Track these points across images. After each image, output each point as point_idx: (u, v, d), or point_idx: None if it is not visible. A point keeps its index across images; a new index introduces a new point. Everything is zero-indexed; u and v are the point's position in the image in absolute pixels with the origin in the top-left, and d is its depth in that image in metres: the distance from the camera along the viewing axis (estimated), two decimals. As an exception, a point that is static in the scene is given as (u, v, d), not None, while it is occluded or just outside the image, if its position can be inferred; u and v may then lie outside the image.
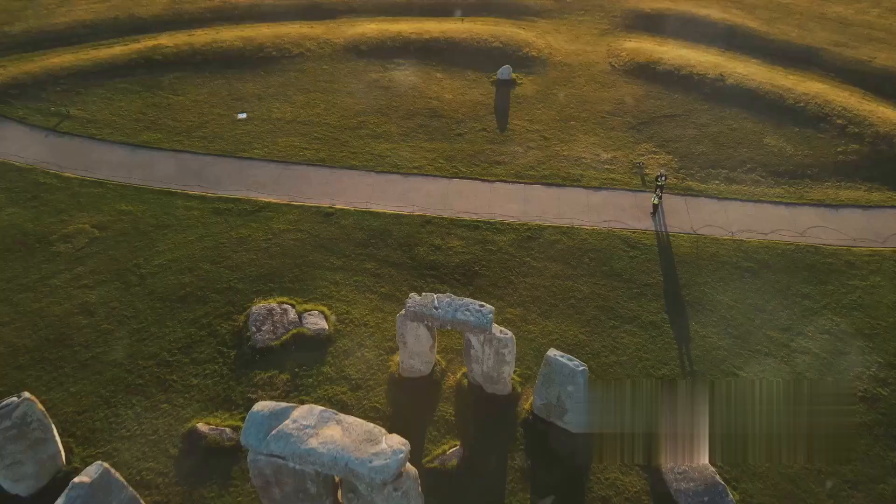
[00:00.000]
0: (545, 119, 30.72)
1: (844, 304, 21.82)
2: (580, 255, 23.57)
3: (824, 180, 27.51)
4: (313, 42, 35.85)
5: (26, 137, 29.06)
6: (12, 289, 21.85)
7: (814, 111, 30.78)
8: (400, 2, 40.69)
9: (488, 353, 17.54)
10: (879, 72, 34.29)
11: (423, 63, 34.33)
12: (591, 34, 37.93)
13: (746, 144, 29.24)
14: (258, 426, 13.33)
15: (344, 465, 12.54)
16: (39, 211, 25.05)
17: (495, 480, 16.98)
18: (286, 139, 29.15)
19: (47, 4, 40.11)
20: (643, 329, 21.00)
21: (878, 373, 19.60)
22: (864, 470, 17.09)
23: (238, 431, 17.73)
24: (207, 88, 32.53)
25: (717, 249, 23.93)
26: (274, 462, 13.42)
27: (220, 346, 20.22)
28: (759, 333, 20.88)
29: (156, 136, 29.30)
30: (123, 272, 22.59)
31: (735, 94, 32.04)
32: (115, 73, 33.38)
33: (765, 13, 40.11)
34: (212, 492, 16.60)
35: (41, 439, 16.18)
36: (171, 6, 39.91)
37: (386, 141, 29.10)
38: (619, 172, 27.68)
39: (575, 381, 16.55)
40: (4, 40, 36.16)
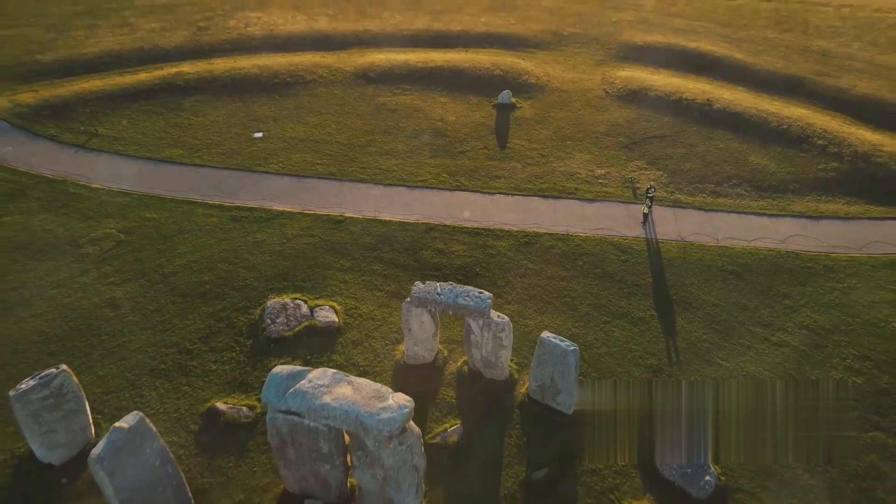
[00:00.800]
0: (543, 139, 32.67)
1: (822, 303, 23.22)
2: (574, 258, 25.12)
3: (805, 194, 29.18)
4: (325, 70, 38.21)
5: (57, 153, 31.09)
6: (45, 285, 23.44)
7: (796, 133, 32.67)
8: (406, 35, 43.30)
9: (487, 338, 18.96)
10: (859, 99, 36.32)
11: (428, 88, 36.55)
12: (587, 64, 40.27)
13: (732, 162, 31.04)
14: (277, 385, 14.74)
15: (354, 418, 13.90)
16: (69, 217, 26.83)
17: (493, 455, 18.19)
18: (299, 155, 31.11)
19: (76, 36, 42.84)
20: (633, 324, 22.40)
21: (853, 364, 20.87)
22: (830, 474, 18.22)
23: (254, 410, 19.14)
24: (226, 110, 34.71)
25: (704, 255, 25.46)
26: (290, 420, 14.78)
27: (237, 336, 21.68)
28: (742, 329, 22.25)
29: (177, 152, 31.30)
30: (147, 271, 24.20)
31: (722, 117, 34.03)
32: (140, 96, 35.65)
33: (751, 46, 42.49)
34: (229, 462, 17.85)
35: (74, 411, 17.54)
36: (192, 38, 42.58)
37: (393, 157, 31.02)
38: (612, 186, 29.44)
39: (566, 361, 17.91)
40: (36, 68, 38.66)
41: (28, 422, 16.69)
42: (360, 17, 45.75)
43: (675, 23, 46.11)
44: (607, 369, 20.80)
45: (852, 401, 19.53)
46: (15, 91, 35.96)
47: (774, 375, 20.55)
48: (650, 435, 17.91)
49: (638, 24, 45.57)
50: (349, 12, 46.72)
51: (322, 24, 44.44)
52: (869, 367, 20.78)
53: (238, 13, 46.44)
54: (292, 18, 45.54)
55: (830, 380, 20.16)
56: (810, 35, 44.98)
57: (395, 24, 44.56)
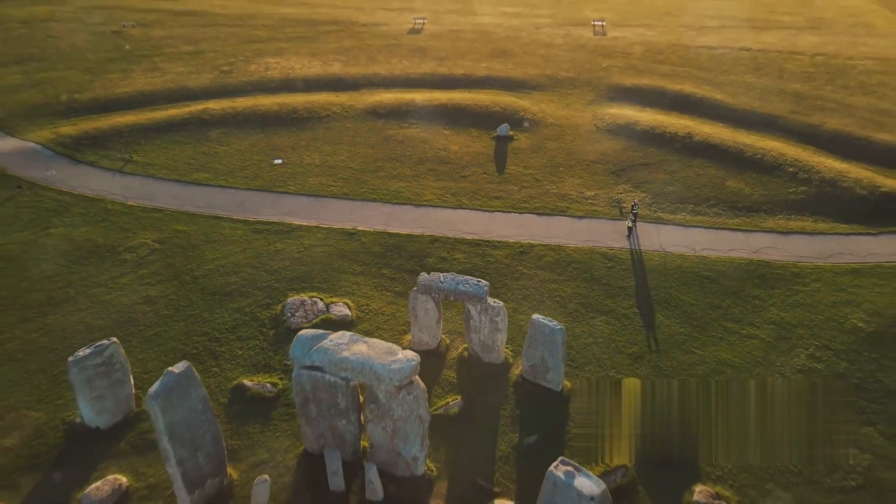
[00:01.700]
0: (537, 165, 35.79)
1: (788, 303, 25.67)
2: (565, 265, 27.75)
3: (776, 214, 31.98)
4: (338, 107, 41.82)
5: (97, 176, 34.26)
6: (88, 285, 26.10)
7: (770, 161, 35.74)
8: (413, 78, 47.19)
9: (484, 322, 21.43)
10: (829, 134, 39.57)
11: (433, 123, 39.98)
12: (580, 103, 43.86)
13: (710, 186, 33.99)
14: (303, 344, 17.19)
15: (369, 368, 16.31)
16: (108, 229, 29.71)
17: (489, 424, 20.38)
18: (315, 178, 34.20)
19: (111, 78, 46.82)
20: (617, 319, 24.84)
21: (815, 353, 23.18)
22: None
23: (276, 387, 21.49)
24: (248, 141, 38.07)
25: (682, 263, 28.07)
26: (313, 376, 17.16)
27: (261, 327, 24.17)
28: (715, 324, 24.65)
29: (205, 175, 34.45)
30: (179, 274, 26.89)
31: (701, 148, 37.21)
32: (170, 129, 39.12)
33: (730, 89, 46.16)
34: (255, 429, 20.08)
35: (121, 380, 19.94)
36: (216, 80, 46.51)
37: (400, 180, 34.09)
38: (600, 206, 32.31)
39: (554, 340, 20.33)
40: (75, 105, 42.35)
41: (82, 386, 19.07)
42: (370, 63, 49.81)
43: (661, 69, 50.02)
44: (593, 356, 23.14)
45: (813, 384, 21.75)
46: (57, 125, 39.50)
47: (743, 362, 22.84)
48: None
49: (627, 70, 49.48)
50: (360, 58, 50.85)
51: (335, 69, 48.44)
52: (829, 356, 23.08)
53: (258, 59, 50.58)
54: (308, 63, 49.61)
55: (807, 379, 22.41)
56: (786, 79, 48.74)
57: (403, 69, 48.54)
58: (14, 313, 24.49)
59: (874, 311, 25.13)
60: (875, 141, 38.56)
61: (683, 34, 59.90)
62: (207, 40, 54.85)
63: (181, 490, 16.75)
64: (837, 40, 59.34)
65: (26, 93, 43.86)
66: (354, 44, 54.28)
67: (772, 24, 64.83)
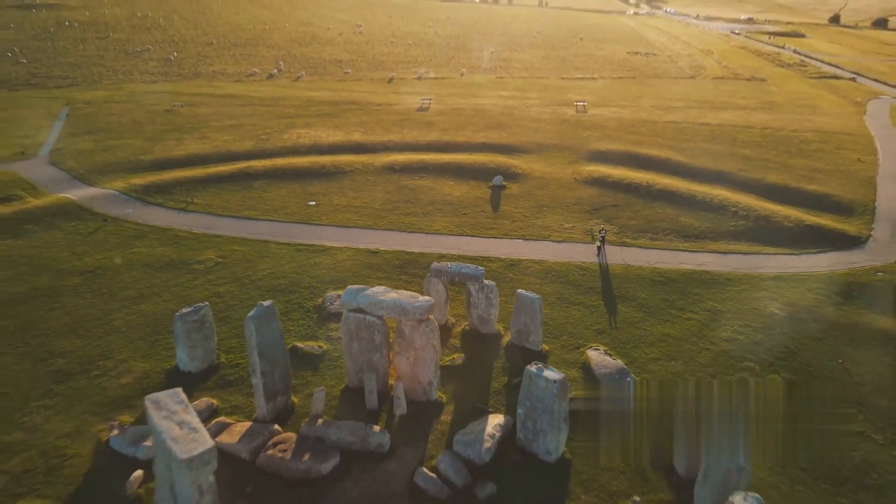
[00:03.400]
0: (526, 206, 43.57)
1: (721, 297, 32.56)
2: (546, 273, 34.84)
3: (719, 240, 39.38)
4: (360, 164, 50.25)
5: (165, 214, 41.95)
6: (169, 285, 33.09)
7: (716, 203, 43.57)
8: (422, 143, 56.02)
9: (481, 298, 28.32)
10: (769, 185, 47.75)
11: (439, 176, 48.20)
12: (562, 163, 52.35)
13: (666, 221, 41.59)
14: (351, 293, 24.06)
15: (399, 306, 23.11)
16: (180, 249, 37.02)
17: (486, 371, 26.81)
18: (343, 215, 41.87)
19: (167, 144, 55.64)
20: (586, 308, 31.65)
21: (738, 329, 29.81)
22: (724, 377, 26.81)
23: (321, 349, 28.06)
24: (286, 189, 46.11)
25: (640, 272, 35.16)
26: (357, 317, 23.93)
27: (307, 312, 30.95)
28: (663, 311, 31.43)
29: (253, 212, 42.16)
30: (239, 278, 33.93)
31: (661, 194, 45.16)
32: (221, 181, 47.26)
33: (689, 153, 54.87)
34: (307, 374, 26.48)
35: (209, 336, 26.62)
36: (256, 146, 55.30)
37: (413, 216, 41.74)
38: (576, 234, 39.76)
39: (533, 307, 27.16)
40: (141, 164, 50.77)
41: (182, 336, 25.75)
42: (385, 133, 58.90)
43: (632, 137, 59.06)
44: (566, 331, 29.78)
45: (732, 347, 28.32)
46: (128, 178, 47.71)
47: (682, 334, 29.47)
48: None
49: (602, 138, 58.48)
50: (377, 130, 60.02)
51: (356, 137, 57.42)
52: (749, 331, 29.75)
53: (290, 130, 59.75)
54: (332, 133, 58.68)
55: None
56: (737, 146, 57.65)
57: (413, 137, 57.52)
58: (115, 303, 31.37)
59: (788, 302, 32.03)
60: (806, 190, 46.65)
61: (653, 112, 69.72)
62: (246, 116, 64.41)
63: (261, 399, 23.15)
64: (785, 118, 69.07)
65: (99, 155, 52.47)
66: (371, 119, 63.76)
67: (730, 105, 75.02)
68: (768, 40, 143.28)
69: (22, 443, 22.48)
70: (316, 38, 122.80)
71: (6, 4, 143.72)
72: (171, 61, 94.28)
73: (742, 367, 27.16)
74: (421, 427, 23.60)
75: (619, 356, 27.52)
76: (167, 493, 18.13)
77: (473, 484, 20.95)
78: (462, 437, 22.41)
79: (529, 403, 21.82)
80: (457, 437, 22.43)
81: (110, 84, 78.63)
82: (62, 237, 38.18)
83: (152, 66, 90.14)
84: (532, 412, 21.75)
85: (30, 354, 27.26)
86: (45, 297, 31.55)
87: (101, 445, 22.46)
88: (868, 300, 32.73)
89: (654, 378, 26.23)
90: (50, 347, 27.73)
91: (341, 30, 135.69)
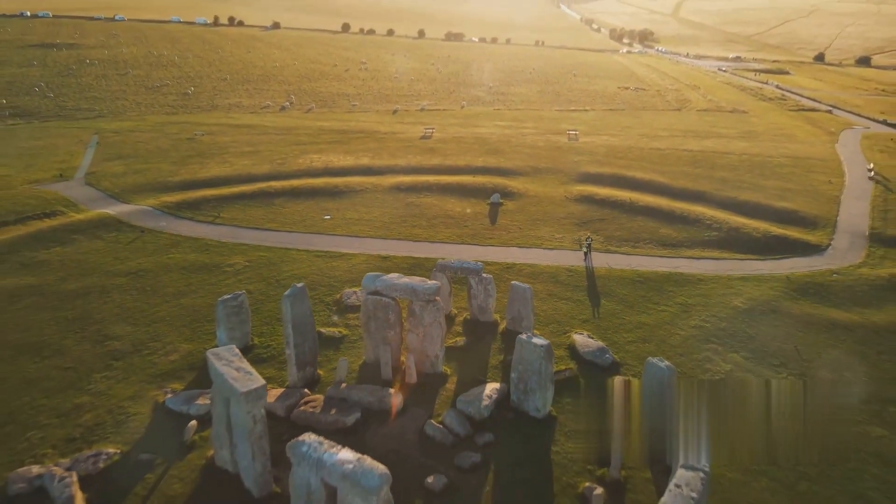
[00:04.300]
0: (521, 220, 48.20)
1: (693, 294, 36.88)
2: (538, 274, 39.22)
3: (694, 248, 43.87)
4: (369, 185, 55.07)
5: (195, 227, 46.52)
6: (203, 284, 37.40)
7: (693, 217, 48.22)
8: (426, 167, 60.96)
9: (480, 290, 32.66)
10: (742, 202, 52.47)
11: (442, 195, 52.95)
12: (554, 184, 57.18)
13: (647, 232, 46.14)
14: (370, 278, 28.41)
15: (410, 288, 27.44)
16: (211, 255, 41.47)
17: (484, 350, 30.99)
18: (356, 227, 46.46)
19: (192, 168, 60.56)
20: (573, 302, 35.94)
21: (706, 318, 34.09)
22: (680, 361, 30.99)
23: (341, 334, 32.28)
24: (303, 205, 50.80)
25: (622, 274, 39.55)
26: (374, 299, 28.24)
27: (327, 305, 35.22)
28: (640, 304, 35.72)
29: (275, 224, 46.74)
30: (266, 278, 38.29)
31: (644, 210, 49.82)
32: (243, 198, 51.98)
33: (671, 175, 59.75)
34: (330, 352, 30.64)
35: (245, 320, 30.86)
36: (273, 169, 60.20)
37: (419, 228, 46.31)
38: (566, 243, 44.27)
39: (525, 296, 31.47)
40: (169, 184, 55.57)
41: (223, 319, 30.00)
42: (391, 158, 63.95)
43: (619, 162, 64.07)
44: (555, 320, 34.00)
45: (698, 331, 32.53)
46: (159, 196, 52.45)
47: (656, 322, 33.70)
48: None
49: (592, 162, 63.48)
50: (384, 155, 65.09)
51: (365, 161, 62.43)
52: (714, 320, 33.99)
53: (303, 156, 64.80)
54: (343, 158, 63.71)
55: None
56: (716, 169, 62.59)
57: (417, 161, 62.53)
58: (158, 298, 35.67)
59: (750, 297, 36.37)
60: (776, 207, 51.36)
61: (640, 140, 75.02)
62: (263, 143, 69.63)
63: (293, 367, 27.33)
64: (762, 145, 74.34)
65: (130, 177, 57.34)
66: (378, 145, 68.96)
67: (712, 134, 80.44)
68: (754, 77, 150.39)
69: (91, 403, 26.58)
70: (324, 74, 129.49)
71: (28, 44, 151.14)
72: (188, 95, 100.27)
73: (706, 348, 31.36)
74: (429, 392, 27.72)
75: (601, 339, 31.73)
76: (223, 430, 22.23)
77: (474, 434, 24.99)
78: (464, 398, 26.53)
79: (521, 367, 25.99)
80: (459, 398, 26.56)
81: (134, 115, 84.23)
82: (105, 245, 42.68)
83: (171, 100, 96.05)
84: (524, 374, 25.92)
85: (88, 338, 31.47)
86: (97, 293, 35.87)
87: (157, 406, 26.57)
88: (822, 297, 37.07)
89: (629, 355, 30.43)
90: (105, 333, 31.96)
91: (347, 66, 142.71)
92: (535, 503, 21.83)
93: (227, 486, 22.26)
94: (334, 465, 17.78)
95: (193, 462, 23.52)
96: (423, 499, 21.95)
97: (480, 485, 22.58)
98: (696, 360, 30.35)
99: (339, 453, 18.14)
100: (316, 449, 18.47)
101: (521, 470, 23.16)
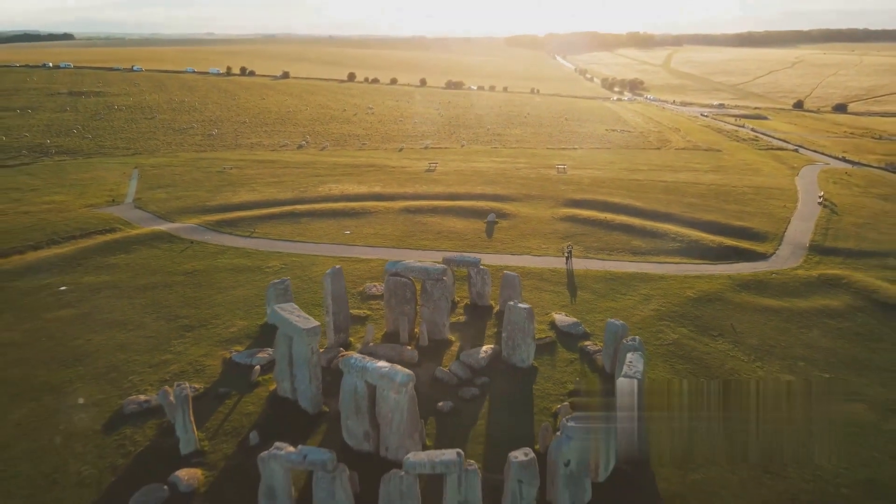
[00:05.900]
0: (513, 235, 56.35)
1: (654, 287, 44.67)
2: (526, 273, 47.04)
3: (659, 255, 51.87)
4: (382, 207, 63.44)
5: (235, 239, 54.57)
6: (249, 280, 45.17)
7: (661, 233, 56.41)
8: (430, 194, 69.47)
9: (478, 279, 40.51)
10: (704, 222, 60.72)
11: (445, 215, 61.26)
12: (543, 207, 65.59)
13: (621, 243, 54.24)
14: (391, 263, 36.30)
15: (423, 269, 35.32)
16: (251, 259, 49.41)
17: (481, 327, 38.61)
18: (372, 238, 54.53)
19: (225, 195, 69.00)
20: (555, 293, 43.70)
21: (662, 304, 41.84)
22: (638, 332, 38.62)
23: (366, 314, 39.96)
24: (326, 224, 59.01)
25: (596, 273, 47.43)
26: (395, 279, 36.04)
27: (353, 295, 42.93)
28: (610, 294, 43.50)
29: (303, 238, 54.83)
30: (300, 276, 46.10)
31: (619, 226, 58.05)
32: (273, 218, 60.21)
33: (646, 201, 68.22)
34: (358, 325, 38.25)
35: (289, 300, 38.56)
36: (296, 196, 68.65)
37: (426, 241, 54.41)
38: (551, 251, 52.30)
39: (514, 284, 39.29)
40: (208, 207, 63.89)
41: (272, 297, 37.63)
42: (400, 186, 72.53)
43: (601, 190, 72.66)
44: (540, 305, 41.67)
45: (658, 319, 40.26)
46: (199, 217, 60.69)
47: (622, 307, 41.38)
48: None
49: (577, 191, 72.05)
50: (393, 184, 73.72)
51: (377, 189, 71.00)
52: (669, 305, 41.72)
53: (322, 185, 73.39)
54: (357, 187, 72.28)
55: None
56: (686, 197, 71.12)
57: (423, 190, 71.09)
58: (213, 290, 43.41)
59: (700, 290, 44.20)
60: (733, 225, 59.63)
61: (621, 173, 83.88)
62: (285, 175, 78.38)
63: (331, 331, 34.98)
64: (730, 177, 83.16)
65: (172, 202, 65.71)
66: (388, 177, 77.70)
67: (686, 168, 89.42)
68: (734, 122, 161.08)
69: (173, 359, 34.09)
70: (334, 118, 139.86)
71: (56, 91, 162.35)
72: (213, 136, 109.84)
73: (660, 324, 39.03)
74: (438, 352, 35.28)
75: (575, 317, 39.38)
76: (285, 365, 29.78)
77: (473, 377, 32.48)
78: (465, 353, 34.10)
79: (510, 328, 33.63)
80: (461, 354, 34.13)
81: (167, 153, 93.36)
82: (162, 252, 50.65)
83: (198, 140, 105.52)
84: (512, 333, 33.53)
85: (162, 317, 39.11)
86: (162, 287, 43.65)
87: (226, 361, 34.07)
88: (760, 290, 44.89)
89: (598, 329, 38.10)
90: (175, 314, 39.60)
91: (355, 111, 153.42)
92: (520, 419, 29.20)
93: (288, 407, 29.66)
94: (375, 369, 25.36)
95: (259, 394, 30.96)
96: (436, 417, 29.35)
97: (479, 408, 29.99)
98: (651, 331, 37.96)
99: (377, 362, 25.74)
100: (360, 360, 26.08)
101: (510, 399, 30.62)
